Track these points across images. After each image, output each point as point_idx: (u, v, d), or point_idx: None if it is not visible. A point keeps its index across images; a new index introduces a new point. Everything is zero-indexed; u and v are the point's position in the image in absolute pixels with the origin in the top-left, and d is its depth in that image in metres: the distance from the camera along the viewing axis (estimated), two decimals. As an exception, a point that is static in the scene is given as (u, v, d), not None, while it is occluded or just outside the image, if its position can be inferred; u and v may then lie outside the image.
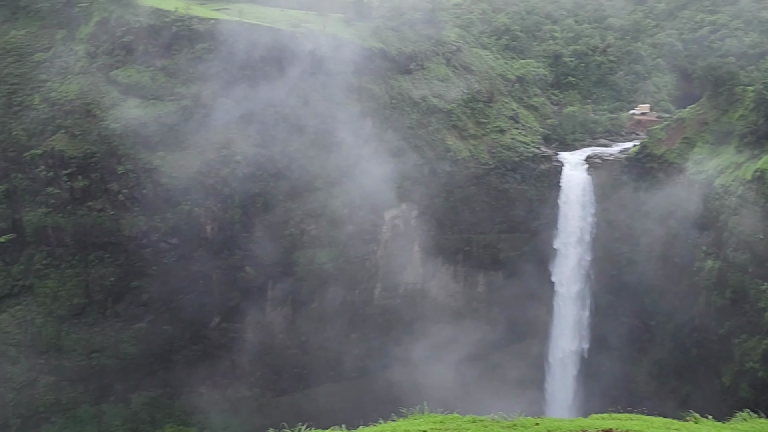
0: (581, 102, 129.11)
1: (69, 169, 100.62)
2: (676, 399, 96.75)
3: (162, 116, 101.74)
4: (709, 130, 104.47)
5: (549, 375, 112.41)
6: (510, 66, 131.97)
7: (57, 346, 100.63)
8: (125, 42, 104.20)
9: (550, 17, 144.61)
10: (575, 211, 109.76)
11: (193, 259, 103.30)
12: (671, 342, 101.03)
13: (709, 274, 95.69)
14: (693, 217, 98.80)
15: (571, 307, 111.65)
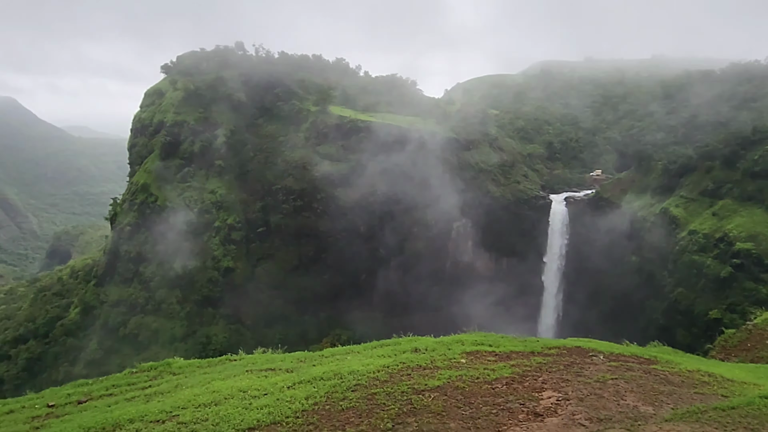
0: (563, 168, 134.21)
1: (293, 196, 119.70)
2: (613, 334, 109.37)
3: (341, 170, 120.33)
4: (636, 185, 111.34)
5: (540, 316, 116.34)
6: (524, 147, 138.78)
7: (284, 285, 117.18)
8: (323, 131, 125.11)
9: (547, 121, 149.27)
10: (557, 228, 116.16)
11: (353, 244, 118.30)
12: (611, 302, 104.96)
13: (633, 265, 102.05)
14: (625, 232, 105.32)
15: (553, 280, 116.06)
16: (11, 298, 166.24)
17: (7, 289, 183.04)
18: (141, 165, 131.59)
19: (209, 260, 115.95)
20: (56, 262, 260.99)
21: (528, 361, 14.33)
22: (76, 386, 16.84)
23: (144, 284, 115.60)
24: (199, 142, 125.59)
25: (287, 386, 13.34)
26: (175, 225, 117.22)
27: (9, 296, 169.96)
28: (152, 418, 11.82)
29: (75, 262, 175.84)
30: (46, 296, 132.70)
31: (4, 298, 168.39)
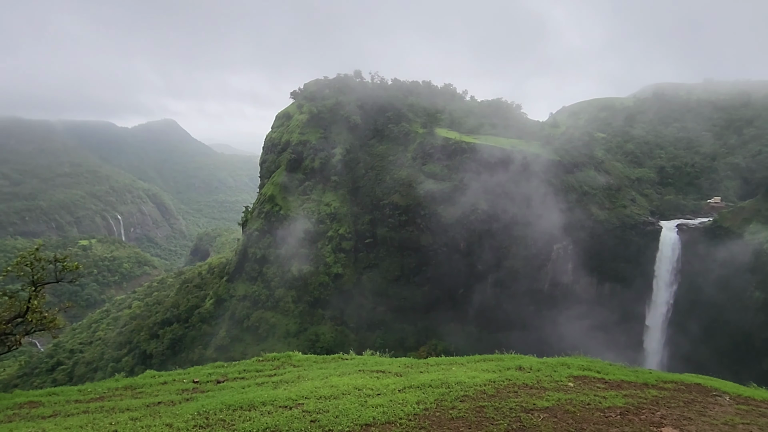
0: (675, 194, 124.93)
1: (399, 211, 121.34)
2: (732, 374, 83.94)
3: (444, 188, 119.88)
4: (761, 214, 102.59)
5: (645, 345, 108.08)
6: (632, 171, 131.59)
7: (386, 293, 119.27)
8: (429, 152, 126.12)
9: (659, 145, 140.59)
10: (667, 255, 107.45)
11: (452, 259, 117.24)
12: (728, 338, 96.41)
13: (757, 301, 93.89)
14: (747, 265, 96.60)
15: (660, 310, 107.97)
16: (162, 286, 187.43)
17: (160, 278, 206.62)
18: (269, 178, 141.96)
19: (321, 266, 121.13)
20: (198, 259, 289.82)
21: (642, 393, 13.51)
22: (215, 367, 18.69)
23: (266, 283, 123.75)
24: (318, 160, 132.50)
25: (398, 389, 13.60)
26: (294, 232, 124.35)
27: (161, 284, 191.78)
28: (280, 403, 12.67)
29: (212, 259, 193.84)
30: (188, 287, 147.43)
31: (157, 286, 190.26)
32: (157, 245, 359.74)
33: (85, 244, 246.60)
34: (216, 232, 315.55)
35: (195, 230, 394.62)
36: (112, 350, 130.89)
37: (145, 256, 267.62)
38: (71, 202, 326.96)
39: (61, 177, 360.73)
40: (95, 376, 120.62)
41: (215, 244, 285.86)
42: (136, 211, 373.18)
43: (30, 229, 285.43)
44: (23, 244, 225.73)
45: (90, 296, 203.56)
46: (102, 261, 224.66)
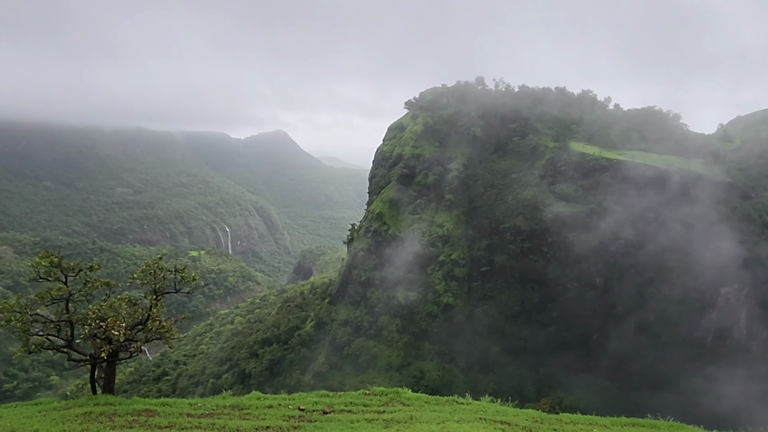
0: None
1: (521, 236, 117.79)
2: None
3: (577, 212, 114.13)
4: None
5: None
6: None
7: (502, 331, 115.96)
8: (561, 169, 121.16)
9: None
10: None
11: (585, 296, 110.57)
12: None
13: None
14: None
15: None
16: (264, 304, 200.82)
17: (263, 295, 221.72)
18: (378, 195, 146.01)
19: (430, 294, 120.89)
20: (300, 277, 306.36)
21: None
22: (320, 396, 19.58)
23: (369, 308, 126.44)
24: (432, 175, 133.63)
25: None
26: (402, 254, 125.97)
27: (263, 301, 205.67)
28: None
29: (315, 279, 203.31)
30: (289, 307, 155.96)
31: (260, 303, 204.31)
32: (262, 260, 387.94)
33: (195, 255, 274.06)
34: (320, 249, 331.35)
35: (299, 247, 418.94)
36: (213, 365, 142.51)
37: (250, 270, 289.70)
38: (185, 212, 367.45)
39: (178, 187, 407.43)
40: (196, 390, 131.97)
41: (319, 262, 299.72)
42: (243, 223, 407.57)
43: (147, 237, 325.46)
44: (140, 251, 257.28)
45: (196, 308, 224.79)
46: (209, 273, 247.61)
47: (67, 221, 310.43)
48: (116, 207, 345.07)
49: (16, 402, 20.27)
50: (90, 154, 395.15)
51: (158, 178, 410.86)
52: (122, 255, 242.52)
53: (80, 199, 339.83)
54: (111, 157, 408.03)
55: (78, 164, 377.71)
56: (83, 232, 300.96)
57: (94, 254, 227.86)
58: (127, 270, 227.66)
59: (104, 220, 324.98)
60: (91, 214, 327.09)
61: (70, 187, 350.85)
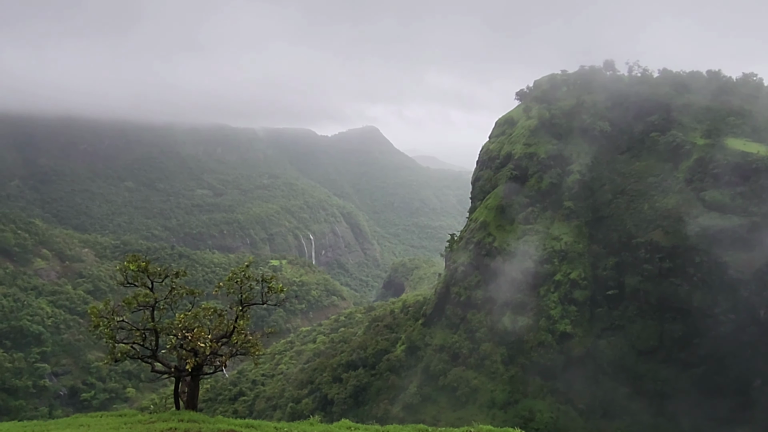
0: None
1: (660, 254, 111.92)
2: None
3: (735, 225, 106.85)
4: None
5: None
6: None
7: (634, 369, 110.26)
8: (714, 172, 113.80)
9: None
10: None
11: (744, 332, 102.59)
12: None
13: None
14: None
15: None
16: (350, 322, 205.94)
17: (348, 312, 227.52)
18: (483, 201, 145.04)
19: (543, 320, 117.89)
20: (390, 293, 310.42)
21: None
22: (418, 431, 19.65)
23: (469, 333, 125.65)
24: (548, 179, 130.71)
25: None
26: (510, 272, 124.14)
27: (348, 320, 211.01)
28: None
29: (407, 296, 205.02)
30: (378, 327, 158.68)
31: (344, 321, 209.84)
32: (348, 272, 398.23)
33: (276, 264, 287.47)
34: (413, 263, 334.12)
35: (390, 258, 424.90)
36: (293, 388, 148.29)
37: (335, 284, 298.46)
38: (266, 217, 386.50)
39: (259, 189, 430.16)
40: (274, 414, 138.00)
41: (412, 277, 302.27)
42: (328, 231, 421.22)
43: (226, 243, 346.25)
44: (219, 259, 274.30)
45: (276, 323, 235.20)
46: (291, 285, 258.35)
47: (147, 224, 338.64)
48: (196, 210, 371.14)
49: (100, 412, 22.58)
50: (171, 153, 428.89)
51: (239, 180, 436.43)
52: (201, 261, 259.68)
53: (160, 201, 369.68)
54: (191, 157, 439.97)
55: (159, 164, 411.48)
56: (162, 236, 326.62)
57: (172, 260, 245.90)
58: (205, 278, 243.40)
59: (184, 223, 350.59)
60: (170, 217, 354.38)
61: (150, 188, 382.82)
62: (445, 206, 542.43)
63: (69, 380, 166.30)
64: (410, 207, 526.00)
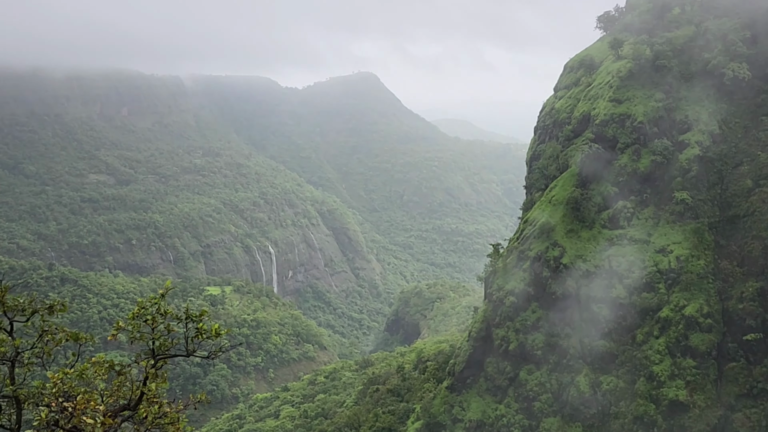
0: None
1: None
2: None
3: None
4: None
5: None
6: None
7: None
8: None
9: None
10: None
11: None
12: None
13: None
14: None
15: None
16: (333, 385, 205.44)
17: (331, 369, 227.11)
18: (544, 191, 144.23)
19: (642, 381, 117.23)
20: (397, 338, 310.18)
21: None
22: None
23: (524, 402, 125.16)
24: (649, 156, 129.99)
25: None
26: (587, 303, 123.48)
27: (330, 381, 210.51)
28: None
29: (423, 343, 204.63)
30: (378, 393, 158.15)
31: (324, 383, 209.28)
32: (329, 306, 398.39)
33: (215, 293, 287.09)
34: (434, 290, 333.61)
35: (396, 283, 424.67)
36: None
37: (308, 324, 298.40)
38: (200, 219, 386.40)
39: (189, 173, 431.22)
40: None
41: (431, 313, 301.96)
42: (298, 240, 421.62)
43: (137, 260, 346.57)
44: (125, 284, 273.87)
45: (216, 386, 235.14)
46: (238, 326, 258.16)
47: (10, 229, 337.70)
48: (88, 207, 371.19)
49: None
50: (47, 116, 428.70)
51: (156, 158, 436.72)
52: (95, 289, 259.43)
53: (31, 192, 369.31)
54: (80, 122, 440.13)
55: (28, 134, 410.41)
56: (34, 248, 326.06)
57: (50, 287, 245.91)
58: (102, 315, 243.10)
59: (68, 228, 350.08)
60: (47, 219, 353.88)
61: (14, 172, 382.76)
62: (486, 200, 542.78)
63: None
64: (428, 201, 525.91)
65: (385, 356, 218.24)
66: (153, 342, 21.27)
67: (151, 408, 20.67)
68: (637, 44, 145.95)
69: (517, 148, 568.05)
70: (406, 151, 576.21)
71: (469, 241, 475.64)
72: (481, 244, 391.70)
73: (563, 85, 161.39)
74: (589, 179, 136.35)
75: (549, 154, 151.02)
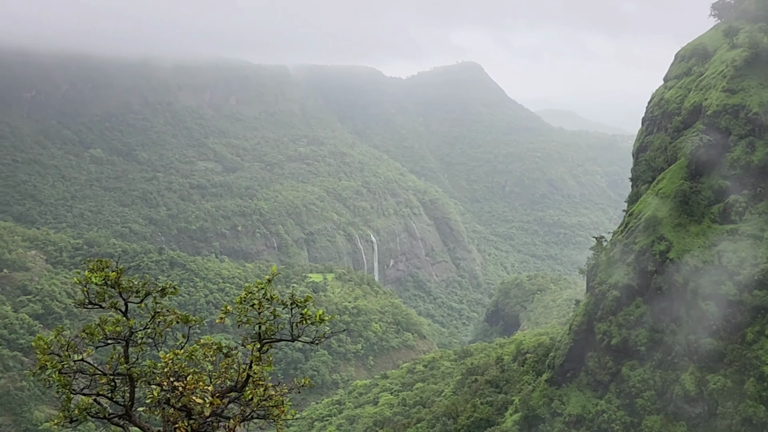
0: None
1: None
2: None
3: None
4: None
5: None
6: None
7: None
8: None
9: None
10: None
11: None
12: None
13: None
14: None
15: None
16: (431, 372, 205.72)
17: (429, 358, 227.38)
18: (651, 183, 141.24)
19: (751, 381, 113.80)
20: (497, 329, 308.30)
21: None
22: None
23: (626, 398, 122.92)
24: (764, 148, 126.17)
25: None
26: (694, 299, 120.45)
27: (429, 370, 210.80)
28: None
29: (523, 335, 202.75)
30: (476, 383, 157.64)
31: (423, 372, 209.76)
32: (430, 295, 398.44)
33: (318, 280, 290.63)
34: (535, 283, 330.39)
35: (497, 275, 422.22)
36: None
37: (409, 313, 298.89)
38: (304, 207, 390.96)
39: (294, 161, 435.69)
40: None
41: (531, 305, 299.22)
42: (400, 229, 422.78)
43: (242, 246, 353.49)
44: (230, 269, 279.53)
45: (316, 372, 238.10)
46: (339, 313, 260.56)
47: (123, 214, 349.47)
48: (196, 194, 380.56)
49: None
50: (159, 105, 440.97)
51: (263, 146, 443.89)
52: (202, 273, 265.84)
53: (142, 179, 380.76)
54: (190, 111, 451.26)
55: (141, 121, 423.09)
56: (145, 232, 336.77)
57: (159, 270, 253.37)
58: (208, 299, 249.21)
59: (177, 214, 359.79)
60: (157, 205, 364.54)
61: (128, 159, 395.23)
62: (589, 191, 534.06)
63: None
64: (531, 193, 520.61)
65: (484, 347, 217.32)
66: (259, 326, 21.48)
67: (256, 390, 20.83)
68: (754, 32, 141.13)
69: (623, 139, 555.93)
70: (509, 142, 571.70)
71: (571, 233, 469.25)
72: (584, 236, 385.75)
73: (674, 75, 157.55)
74: (700, 172, 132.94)
75: (657, 145, 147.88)
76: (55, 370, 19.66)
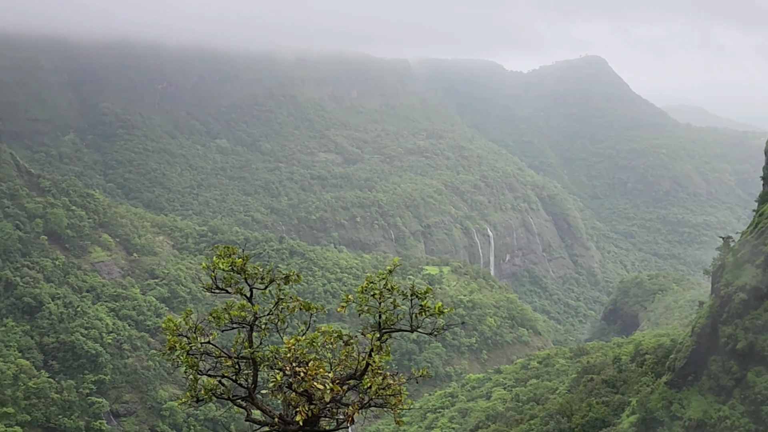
0: None
1: None
2: None
3: None
4: None
5: None
6: None
7: None
8: None
9: None
10: None
11: None
12: None
13: None
14: None
15: None
16: (546, 369, 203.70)
17: (544, 354, 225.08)
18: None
19: None
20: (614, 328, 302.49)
21: None
22: None
23: (751, 405, 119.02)
24: None
25: None
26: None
27: (544, 365, 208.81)
28: None
29: (642, 335, 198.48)
30: (592, 382, 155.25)
31: (537, 368, 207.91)
32: (546, 291, 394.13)
33: (434, 272, 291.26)
34: (656, 282, 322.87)
35: (616, 273, 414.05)
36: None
37: (524, 309, 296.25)
38: (421, 199, 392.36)
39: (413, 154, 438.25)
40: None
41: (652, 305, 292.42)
42: (518, 224, 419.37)
43: (360, 237, 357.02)
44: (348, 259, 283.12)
45: (430, 364, 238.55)
46: (455, 306, 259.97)
47: (246, 203, 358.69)
48: (317, 184, 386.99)
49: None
50: (283, 97, 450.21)
51: (383, 139, 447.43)
52: (321, 263, 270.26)
53: (265, 169, 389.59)
54: (313, 103, 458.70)
55: (265, 113, 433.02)
56: (267, 221, 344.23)
57: (280, 258, 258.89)
58: (326, 288, 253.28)
59: (298, 204, 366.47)
60: (279, 194, 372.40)
61: (252, 149, 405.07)
62: (717, 190, 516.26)
63: (133, 424, 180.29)
64: (654, 190, 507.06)
65: (601, 346, 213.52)
66: (379, 316, 21.90)
67: (375, 379, 21.23)
68: None
69: (755, 136, 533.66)
70: (633, 138, 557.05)
71: (696, 233, 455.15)
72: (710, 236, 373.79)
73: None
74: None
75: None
76: (183, 351, 20.53)
